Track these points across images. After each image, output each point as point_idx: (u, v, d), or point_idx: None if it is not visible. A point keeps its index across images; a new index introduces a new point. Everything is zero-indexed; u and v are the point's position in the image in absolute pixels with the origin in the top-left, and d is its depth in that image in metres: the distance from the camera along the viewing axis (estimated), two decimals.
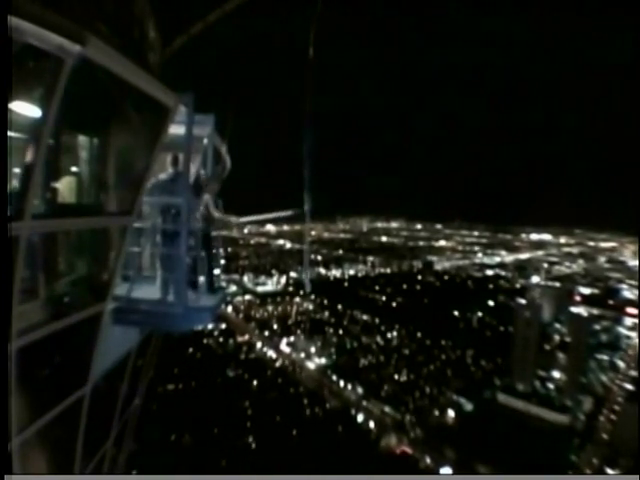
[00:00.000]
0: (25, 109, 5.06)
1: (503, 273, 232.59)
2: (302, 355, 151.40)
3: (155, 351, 11.63)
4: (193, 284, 8.30)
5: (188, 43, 11.73)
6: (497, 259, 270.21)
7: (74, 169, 6.97)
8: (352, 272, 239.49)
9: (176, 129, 7.78)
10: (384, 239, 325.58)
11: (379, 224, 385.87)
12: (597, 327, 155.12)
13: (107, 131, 7.02)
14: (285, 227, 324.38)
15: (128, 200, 7.05)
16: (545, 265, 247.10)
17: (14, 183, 4.93)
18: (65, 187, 6.43)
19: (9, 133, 4.64)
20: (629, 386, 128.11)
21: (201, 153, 9.15)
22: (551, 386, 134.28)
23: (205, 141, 9.23)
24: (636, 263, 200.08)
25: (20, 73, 4.72)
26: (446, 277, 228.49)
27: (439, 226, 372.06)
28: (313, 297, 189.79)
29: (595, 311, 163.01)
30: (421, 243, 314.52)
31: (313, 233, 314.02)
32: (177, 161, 8.28)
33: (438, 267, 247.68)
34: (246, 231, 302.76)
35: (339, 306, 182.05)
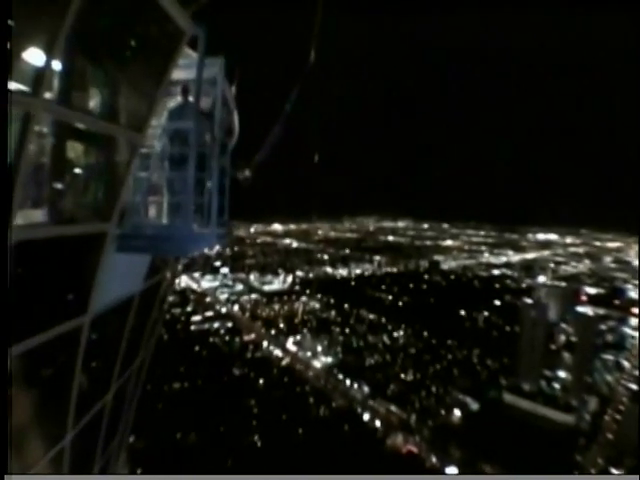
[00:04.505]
0: None
1: (509, 273, 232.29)
2: (308, 354, 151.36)
3: (161, 303, 11.46)
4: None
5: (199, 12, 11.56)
6: (503, 259, 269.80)
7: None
8: (359, 271, 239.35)
9: (185, 74, 7.90)
10: (391, 238, 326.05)
11: (386, 223, 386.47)
12: (603, 327, 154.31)
13: (123, 47, 6.81)
14: (292, 226, 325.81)
15: (138, 119, 6.99)
16: (551, 265, 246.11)
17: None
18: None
19: None
20: (634, 386, 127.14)
21: (210, 97, 8.96)
22: (557, 386, 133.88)
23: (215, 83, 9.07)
24: None
25: None
26: (452, 276, 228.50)
27: (446, 225, 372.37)
28: (320, 296, 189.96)
29: (601, 311, 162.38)
30: (428, 242, 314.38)
31: (320, 232, 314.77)
32: (187, 91, 8.37)
33: (444, 266, 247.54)
34: (252, 230, 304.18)
35: (346, 305, 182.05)
